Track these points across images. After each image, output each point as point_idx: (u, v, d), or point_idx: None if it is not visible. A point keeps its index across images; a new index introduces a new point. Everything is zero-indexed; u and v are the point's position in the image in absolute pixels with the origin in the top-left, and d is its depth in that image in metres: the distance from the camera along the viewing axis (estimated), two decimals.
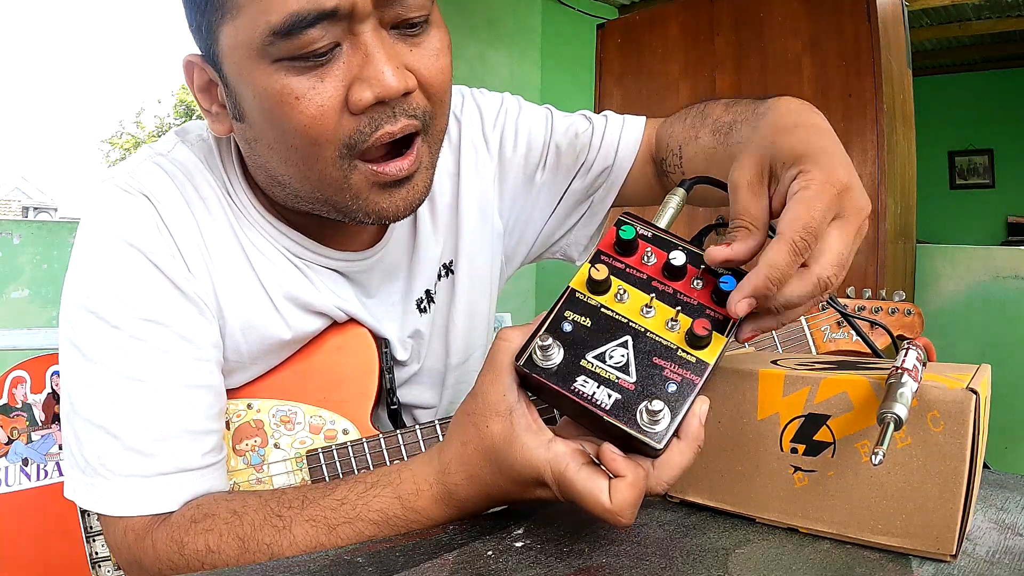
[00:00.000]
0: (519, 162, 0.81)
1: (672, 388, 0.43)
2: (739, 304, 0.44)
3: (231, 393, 0.69)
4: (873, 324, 0.72)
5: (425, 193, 0.62)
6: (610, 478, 0.43)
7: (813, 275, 0.43)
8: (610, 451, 0.43)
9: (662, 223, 0.51)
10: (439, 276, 0.79)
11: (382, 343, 0.75)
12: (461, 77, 0.84)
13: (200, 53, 0.60)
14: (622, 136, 0.80)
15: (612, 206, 0.83)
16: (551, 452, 0.45)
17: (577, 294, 0.46)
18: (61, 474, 0.79)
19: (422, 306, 0.78)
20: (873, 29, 2.27)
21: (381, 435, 0.71)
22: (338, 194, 0.59)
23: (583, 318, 0.45)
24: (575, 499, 0.44)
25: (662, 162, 0.77)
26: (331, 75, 0.54)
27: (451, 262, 0.80)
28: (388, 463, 0.70)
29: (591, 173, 0.81)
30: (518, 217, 0.84)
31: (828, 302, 0.68)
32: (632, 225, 0.48)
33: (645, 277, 0.47)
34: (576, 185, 0.82)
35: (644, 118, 0.83)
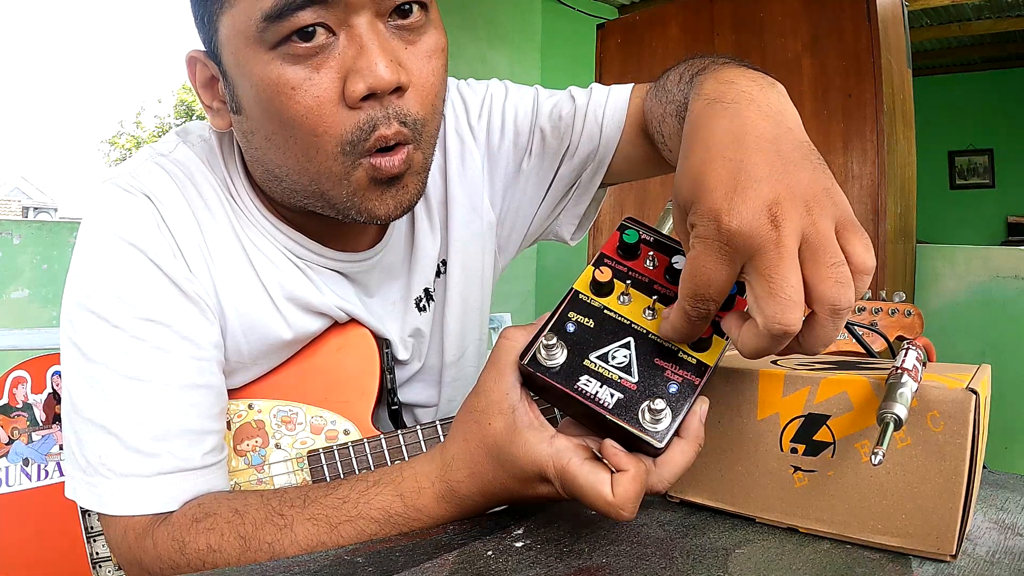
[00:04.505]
0: (507, 149, 0.80)
1: (673, 388, 0.44)
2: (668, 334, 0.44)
3: (232, 393, 0.69)
4: (871, 329, 0.72)
5: (417, 196, 0.62)
6: (612, 472, 0.43)
7: (755, 328, 0.39)
8: (612, 446, 0.43)
9: (664, 230, 0.51)
10: (437, 274, 0.79)
11: (383, 343, 0.75)
12: (461, 77, 0.84)
13: (203, 49, 0.61)
14: (605, 114, 0.76)
15: (607, 184, 0.81)
16: (553, 447, 0.45)
17: (581, 295, 0.47)
18: (62, 474, 0.79)
19: (421, 304, 0.78)
20: (873, 29, 2.27)
21: (382, 435, 0.71)
22: (335, 188, 0.59)
23: (586, 319, 0.46)
24: (577, 493, 0.44)
25: (653, 137, 0.72)
26: (326, 66, 0.55)
27: (446, 259, 0.80)
28: (389, 463, 0.70)
29: (576, 157, 0.78)
30: (509, 206, 0.82)
31: None
32: (635, 230, 0.49)
33: (647, 280, 0.48)
34: (563, 170, 0.79)
35: (630, 88, 0.77)
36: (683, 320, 0.42)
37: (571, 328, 0.45)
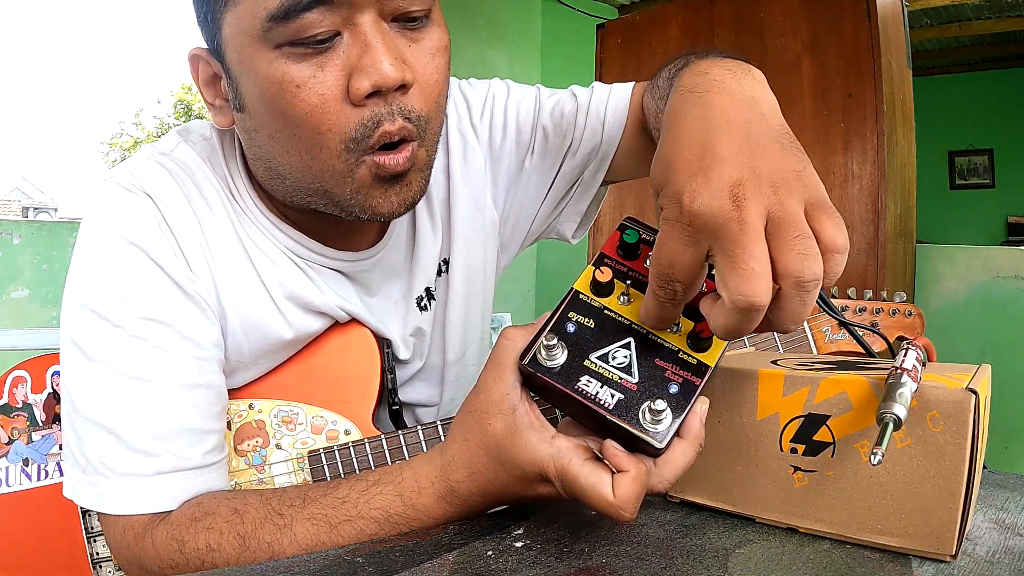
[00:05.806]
0: (510, 147, 0.80)
1: (674, 389, 0.44)
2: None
3: (233, 393, 0.69)
4: (871, 330, 0.72)
5: (420, 193, 0.62)
6: (613, 473, 0.43)
7: (723, 305, 0.39)
8: (612, 446, 0.43)
9: None
10: (439, 272, 0.79)
11: (384, 343, 0.75)
12: (461, 77, 0.84)
13: (206, 47, 0.61)
14: (607, 111, 0.77)
15: (609, 182, 0.81)
16: (554, 447, 0.45)
17: (581, 296, 0.47)
18: (62, 474, 0.79)
19: (423, 304, 0.78)
20: (873, 29, 2.27)
21: (383, 435, 0.71)
22: (339, 186, 0.59)
23: (587, 319, 0.46)
24: (578, 494, 0.44)
25: (651, 133, 0.73)
26: (331, 64, 0.55)
27: (448, 257, 0.80)
28: (390, 463, 0.70)
29: (579, 154, 0.78)
30: (512, 204, 0.82)
31: (823, 308, 0.68)
32: (635, 229, 0.49)
33: (648, 280, 0.47)
34: (566, 167, 0.79)
35: (631, 85, 0.78)
36: (653, 301, 0.42)
37: (571, 328, 0.45)
